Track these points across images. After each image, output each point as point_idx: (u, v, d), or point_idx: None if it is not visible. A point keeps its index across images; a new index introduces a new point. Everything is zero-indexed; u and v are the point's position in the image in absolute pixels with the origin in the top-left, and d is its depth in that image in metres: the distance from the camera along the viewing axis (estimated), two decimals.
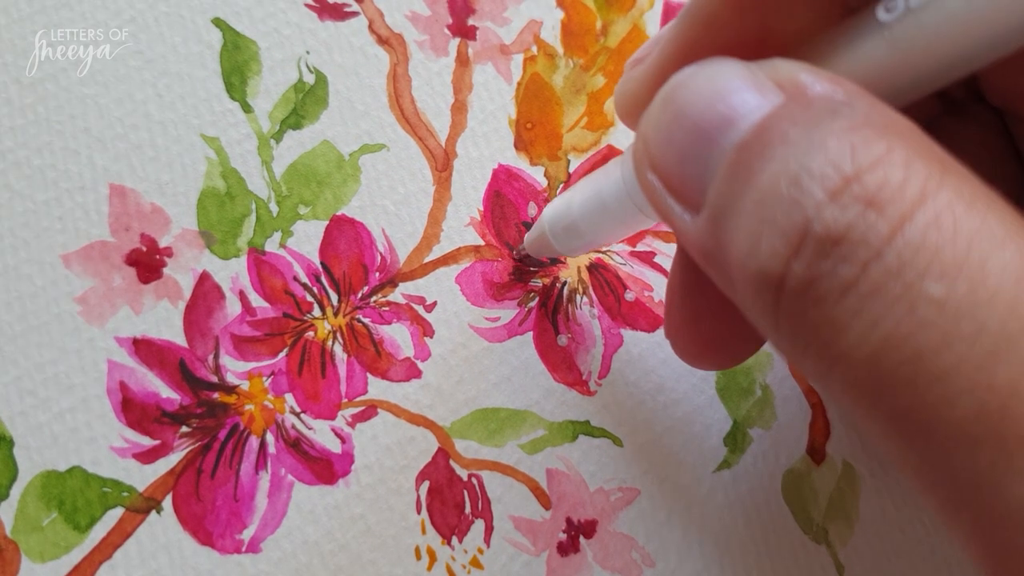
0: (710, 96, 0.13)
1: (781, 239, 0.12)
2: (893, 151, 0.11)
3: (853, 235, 0.11)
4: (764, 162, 0.12)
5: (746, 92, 0.13)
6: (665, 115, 0.14)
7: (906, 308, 0.11)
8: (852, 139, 0.11)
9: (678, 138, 0.13)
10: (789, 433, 0.23)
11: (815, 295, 0.11)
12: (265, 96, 0.24)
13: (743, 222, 0.12)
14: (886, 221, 0.11)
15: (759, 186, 0.12)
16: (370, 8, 0.25)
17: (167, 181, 0.23)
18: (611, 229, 0.19)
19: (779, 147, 0.12)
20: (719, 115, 0.13)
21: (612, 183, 0.18)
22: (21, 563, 0.20)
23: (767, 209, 0.12)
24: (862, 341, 0.11)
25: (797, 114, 0.12)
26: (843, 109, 0.12)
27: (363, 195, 0.24)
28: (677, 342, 0.20)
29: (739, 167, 0.12)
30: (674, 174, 0.14)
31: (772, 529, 0.22)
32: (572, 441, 0.23)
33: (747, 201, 0.12)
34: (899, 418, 0.11)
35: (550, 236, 0.21)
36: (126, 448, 0.21)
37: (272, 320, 0.23)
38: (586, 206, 0.19)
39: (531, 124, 0.25)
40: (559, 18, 0.26)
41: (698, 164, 0.13)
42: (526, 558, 0.22)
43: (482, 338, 0.23)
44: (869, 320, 0.11)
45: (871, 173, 0.11)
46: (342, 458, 0.22)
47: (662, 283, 0.24)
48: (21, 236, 0.22)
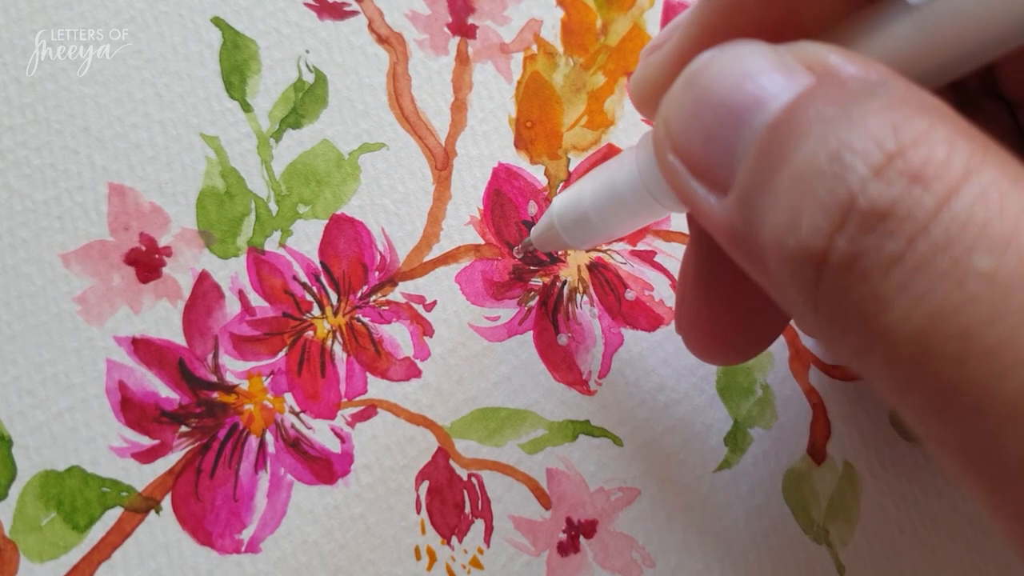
0: (737, 76, 0.13)
1: (823, 214, 0.11)
2: (935, 128, 0.11)
3: (899, 210, 0.11)
4: (800, 140, 0.12)
5: (774, 72, 0.13)
6: (688, 96, 0.14)
7: (954, 282, 0.10)
8: (893, 116, 0.11)
9: (703, 119, 0.13)
10: (790, 433, 0.23)
11: (860, 270, 0.11)
12: (264, 95, 0.24)
13: (779, 200, 0.12)
14: (932, 196, 0.11)
15: (796, 163, 0.12)
16: (370, 7, 0.25)
17: (166, 180, 0.23)
18: (624, 220, 0.19)
19: (816, 125, 0.12)
20: (747, 95, 0.13)
21: (626, 172, 0.18)
22: (20, 563, 0.20)
23: (807, 185, 0.12)
24: (908, 316, 0.11)
25: (832, 94, 0.12)
26: (879, 89, 0.12)
27: (363, 194, 0.24)
28: (689, 336, 0.19)
29: (773, 145, 0.12)
30: (699, 155, 0.13)
31: (772, 529, 0.22)
32: (572, 441, 0.23)
33: (783, 179, 0.12)
34: (945, 395, 0.11)
35: (559, 228, 0.20)
36: (125, 448, 0.21)
37: (271, 319, 0.22)
38: (599, 196, 0.19)
39: (531, 123, 0.25)
40: (559, 17, 0.26)
41: (726, 144, 0.13)
42: (526, 558, 0.22)
43: (482, 337, 0.23)
44: (916, 295, 0.11)
45: (915, 149, 0.11)
46: (342, 458, 0.22)
47: (663, 282, 0.24)
48: (20, 235, 0.22)
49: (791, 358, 0.24)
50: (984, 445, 0.11)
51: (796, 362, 0.24)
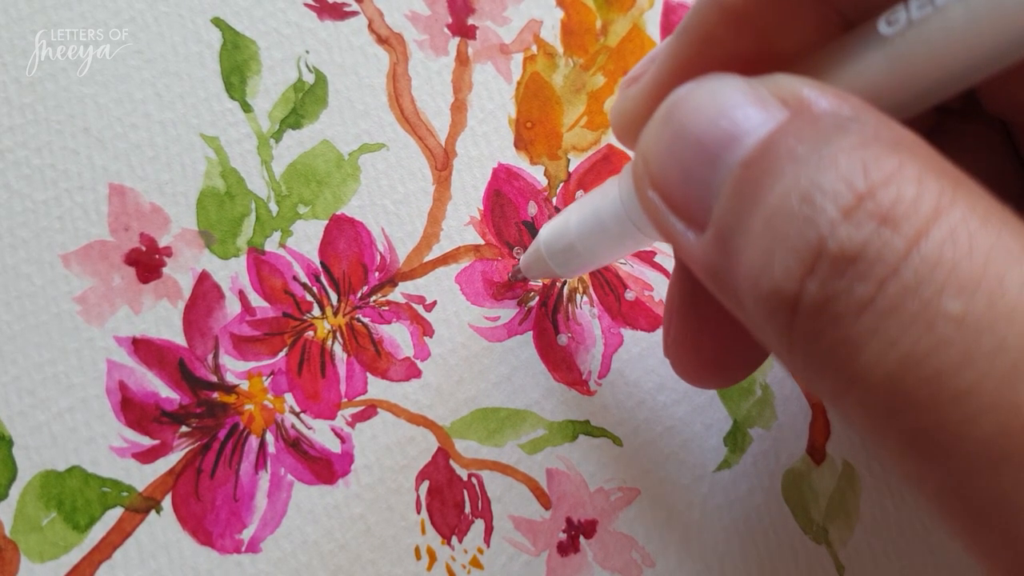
0: (712, 112, 0.13)
1: (795, 258, 0.11)
2: (905, 167, 0.11)
3: (869, 252, 0.11)
4: (773, 179, 0.12)
5: (749, 107, 0.13)
6: (666, 132, 0.14)
7: (925, 326, 0.10)
8: (863, 155, 0.11)
9: (680, 155, 0.13)
10: (789, 433, 0.23)
11: (831, 314, 0.11)
12: (264, 95, 0.24)
13: (753, 241, 0.12)
14: (902, 237, 0.11)
15: (769, 204, 0.12)
16: (370, 7, 0.25)
17: (166, 181, 0.23)
18: (609, 249, 0.19)
19: (788, 164, 0.12)
20: (722, 131, 0.13)
21: (610, 203, 0.18)
22: (20, 563, 0.20)
23: (778, 227, 0.12)
24: (880, 361, 0.11)
25: (804, 130, 0.12)
26: (851, 125, 0.12)
27: (363, 194, 0.24)
28: (677, 361, 0.20)
29: (746, 184, 0.12)
30: (676, 192, 0.13)
31: (772, 529, 0.22)
32: (572, 441, 0.23)
33: (756, 219, 0.12)
34: (919, 439, 0.11)
35: (547, 258, 0.20)
36: (125, 448, 0.21)
37: (272, 320, 0.23)
38: (583, 226, 0.19)
39: (531, 123, 0.25)
40: (559, 17, 0.26)
41: (702, 181, 0.13)
42: (526, 558, 0.22)
43: (482, 337, 0.23)
44: (887, 339, 0.11)
45: (884, 189, 0.11)
46: (342, 458, 0.22)
47: (662, 282, 0.24)
48: (20, 236, 0.22)
49: None
50: (958, 488, 0.11)
51: None
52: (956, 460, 0.10)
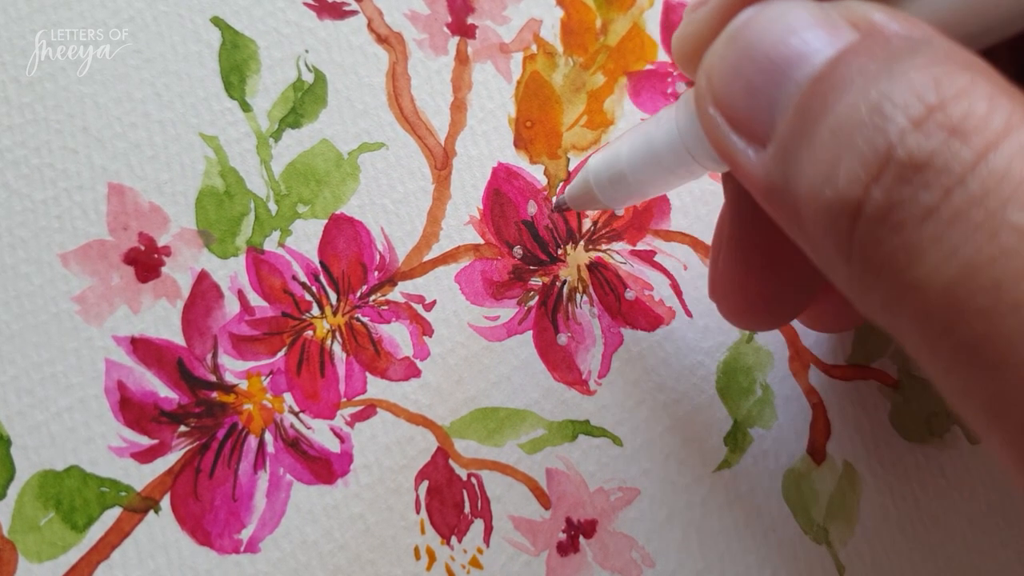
0: (781, 31, 0.13)
1: (861, 164, 0.11)
2: (977, 84, 0.11)
3: (937, 162, 0.11)
4: (841, 93, 0.12)
5: (818, 28, 0.13)
6: (731, 50, 0.14)
7: (987, 235, 0.10)
8: (935, 72, 0.11)
9: (746, 72, 0.13)
10: (789, 433, 0.23)
11: (895, 221, 0.11)
12: (264, 95, 0.24)
13: (818, 151, 0.12)
14: (971, 149, 0.11)
15: (837, 114, 0.12)
16: (369, 7, 0.25)
17: (166, 180, 0.23)
18: (661, 179, 0.18)
19: (858, 79, 0.12)
20: (791, 49, 0.13)
21: (665, 130, 0.17)
22: (18, 563, 0.20)
23: (846, 136, 0.12)
24: (940, 268, 0.11)
25: (876, 49, 0.12)
26: (922, 46, 0.12)
27: (362, 194, 0.24)
28: (724, 300, 0.19)
29: (814, 98, 0.12)
30: (740, 108, 0.13)
31: (772, 529, 0.22)
32: (572, 441, 0.23)
33: (823, 130, 0.12)
34: (973, 349, 0.11)
35: (595, 187, 0.20)
36: (124, 447, 0.21)
37: (271, 319, 0.22)
38: (635, 154, 0.18)
39: (531, 122, 0.25)
40: (559, 16, 0.26)
41: (767, 97, 0.13)
42: (525, 558, 0.22)
43: (481, 337, 0.23)
44: (949, 247, 0.11)
45: (955, 103, 0.11)
46: (341, 458, 0.22)
47: (662, 282, 0.24)
48: (19, 235, 0.22)
49: (791, 358, 0.24)
50: (1010, 400, 0.11)
51: (796, 362, 0.24)
52: (1011, 371, 0.10)
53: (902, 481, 0.23)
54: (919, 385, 0.24)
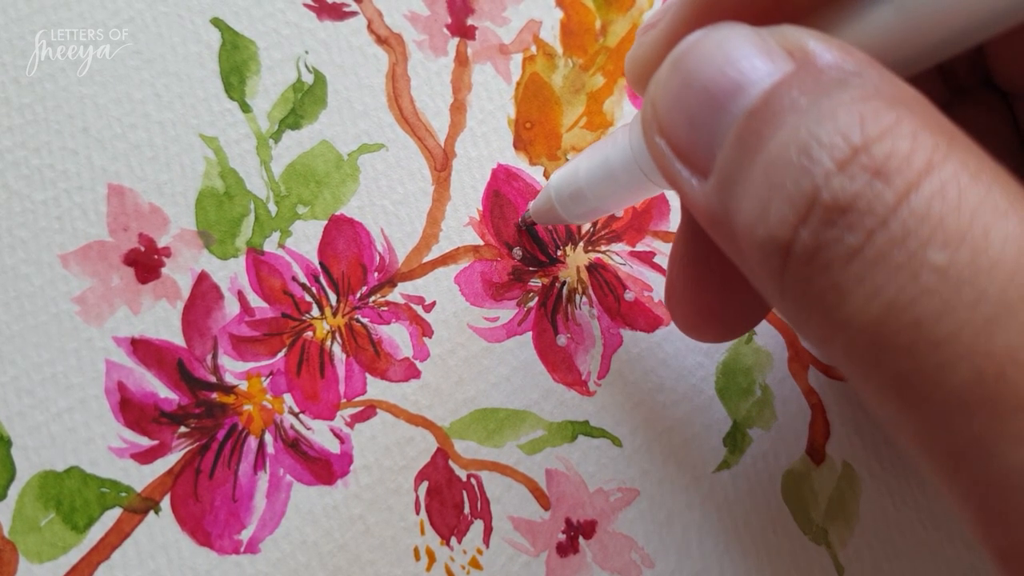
0: (720, 61, 0.13)
1: (789, 206, 0.12)
2: (901, 122, 0.11)
3: (860, 204, 0.11)
4: (774, 129, 0.12)
5: (756, 58, 0.13)
6: (674, 79, 0.14)
7: (909, 275, 0.11)
8: (861, 109, 0.12)
9: (687, 102, 0.14)
10: (789, 433, 0.23)
11: (821, 262, 0.12)
12: (264, 96, 0.24)
13: (752, 188, 0.12)
14: (892, 191, 0.11)
15: (768, 153, 0.12)
16: (369, 8, 0.25)
17: (165, 181, 0.23)
18: (618, 196, 0.19)
19: (789, 115, 0.12)
20: (729, 80, 0.13)
21: (620, 149, 0.18)
22: (19, 564, 0.20)
23: (776, 176, 0.12)
24: (865, 307, 0.11)
25: (807, 82, 0.12)
26: (853, 79, 0.12)
27: (362, 195, 0.24)
28: (678, 313, 0.20)
29: (749, 134, 0.13)
30: (683, 138, 0.14)
31: (772, 530, 0.22)
32: (571, 441, 0.23)
33: (756, 168, 0.12)
34: (898, 384, 0.11)
35: (556, 203, 0.21)
36: (124, 448, 0.21)
37: (271, 320, 0.22)
38: (593, 173, 0.19)
39: (530, 124, 0.25)
40: (558, 18, 0.26)
41: (707, 129, 0.13)
42: (525, 559, 0.22)
43: (481, 338, 0.23)
44: (872, 287, 0.11)
45: (879, 143, 0.11)
46: (341, 458, 0.22)
47: (662, 283, 0.24)
48: (19, 236, 0.22)
49: (790, 359, 0.24)
50: (934, 432, 0.11)
51: (795, 363, 0.24)
52: (932, 405, 0.11)
53: (901, 481, 0.23)
54: None
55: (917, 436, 0.11)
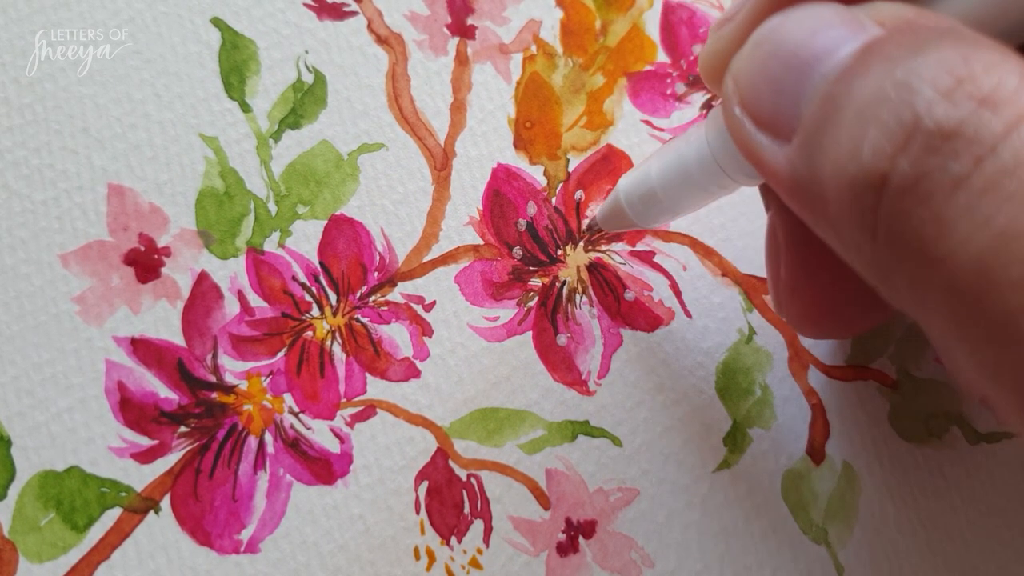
0: (808, 31, 0.13)
1: (887, 137, 0.11)
2: (1007, 60, 0.11)
3: (966, 131, 0.11)
4: (867, 77, 0.12)
5: (845, 26, 0.13)
6: (758, 52, 0.13)
7: (1021, 205, 0.10)
8: (963, 50, 0.11)
9: (772, 70, 0.13)
10: (789, 433, 0.23)
11: (923, 192, 0.11)
12: (264, 95, 0.24)
13: (843, 132, 0.12)
14: (1001, 119, 0.11)
15: (862, 96, 0.12)
16: (369, 7, 0.25)
17: (165, 181, 0.23)
18: (693, 196, 0.18)
19: (884, 63, 0.12)
20: (818, 45, 0.13)
21: (695, 146, 0.17)
22: (19, 564, 0.20)
23: (871, 112, 0.11)
24: (972, 239, 0.10)
25: (902, 38, 0.12)
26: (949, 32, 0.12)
27: (362, 195, 0.24)
28: (794, 313, 0.19)
29: (840, 86, 0.12)
30: (766, 105, 0.13)
31: (771, 529, 0.22)
32: (571, 441, 0.23)
33: (848, 112, 0.12)
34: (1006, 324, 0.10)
35: (626, 206, 0.20)
36: (124, 448, 0.21)
37: (271, 320, 0.22)
38: (666, 172, 0.18)
39: (530, 123, 0.25)
40: (558, 17, 0.26)
41: (793, 93, 0.13)
42: (525, 558, 0.22)
43: (481, 338, 0.23)
44: (981, 217, 0.10)
45: (985, 76, 0.11)
46: (341, 458, 0.22)
47: (662, 283, 0.24)
48: (19, 236, 0.22)
49: (790, 358, 0.24)
50: None
51: (795, 362, 0.24)
52: None
53: (901, 482, 0.23)
54: (918, 386, 0.24)
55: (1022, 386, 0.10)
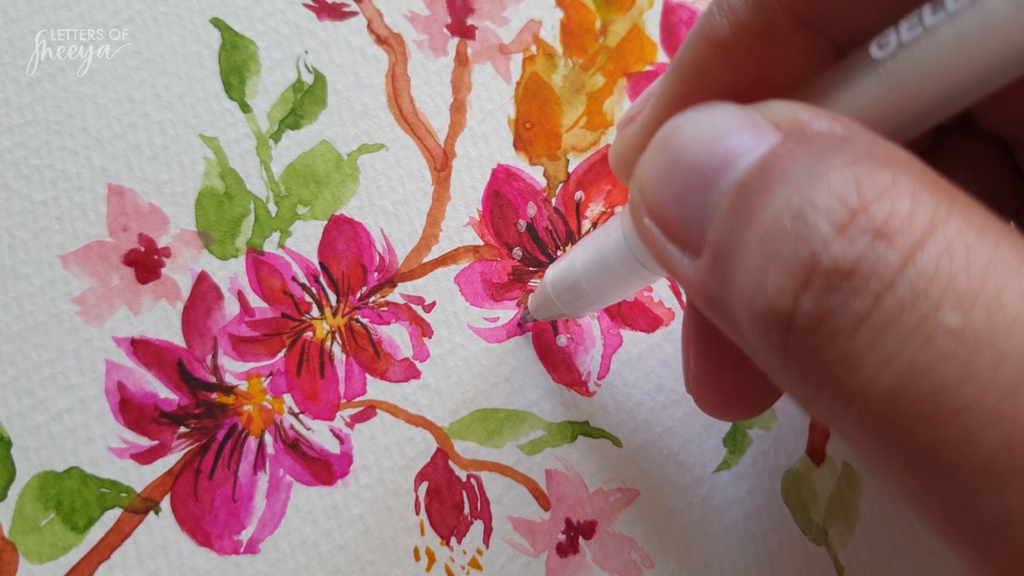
0: (706, 138, 0.13)
1: (788, 275, 0.11)
2: (899, 181, 0.11)
3: (863, 267, 0.11)
4: (766, 199, 0.12)
5: (743, 133, 0.13)
6: (661, 159, 0.14)
7: (923, 340, 0.10)
8: (855, 171, 0.11)
9: (675, 181, 0.13)
10: (789, 434, 0.23)
11: (826, 331, 0.11)
12: (263, 96, 0.24)
13: (746, 261, 0.12)
14: (896, 252, 0.11)
15: (762, 223, 0.12)
16: (369, 8, 0.25)
17: (165, 181, 0.23)
18: (615, 287, 0.19)
19: (780, 184, 0.12)
20: (716, 156, 0.13)
21: (613, 240, 0.18)
22: (19, 564, 0.20)
23: (771, 246, 0.11)
24: (878, 376, 0.11)
25: (797, 151, 0.12)
26: (844, 144, 0.12)
27: (362, 195, 0.24)
28: (700, 397, 0.19)
29: (740, 206, 0.12)
30: (672, 218, 0.13)
31: (772, 530, 0.22)
32: (571, 442, 0.23)
33: (750, 239, 0.12)
34: (920, 457, 0.10)
35: (554, 298, 0.20)
36: (124, 448, 0.21)
37: (270, 320, 0.22)
38: (589, 265, 0.19)
39: (530, 124, 0.25)
40: (558, 18, 0.26)
41: (697, 206, 0.13)
42: (525, 559, 0.22)
43: (481, 338, 0.23)
44: (885, 354, 0.10)
45: (878, 204, 0.11)
46: (341, 459, 0.22)
47: (662, 283, 0.24)
48: (19, 236, 0.22)
49: None
50: (963, 505, 0.10)
51: None
52: (960, 477, 0.10)
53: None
54: None
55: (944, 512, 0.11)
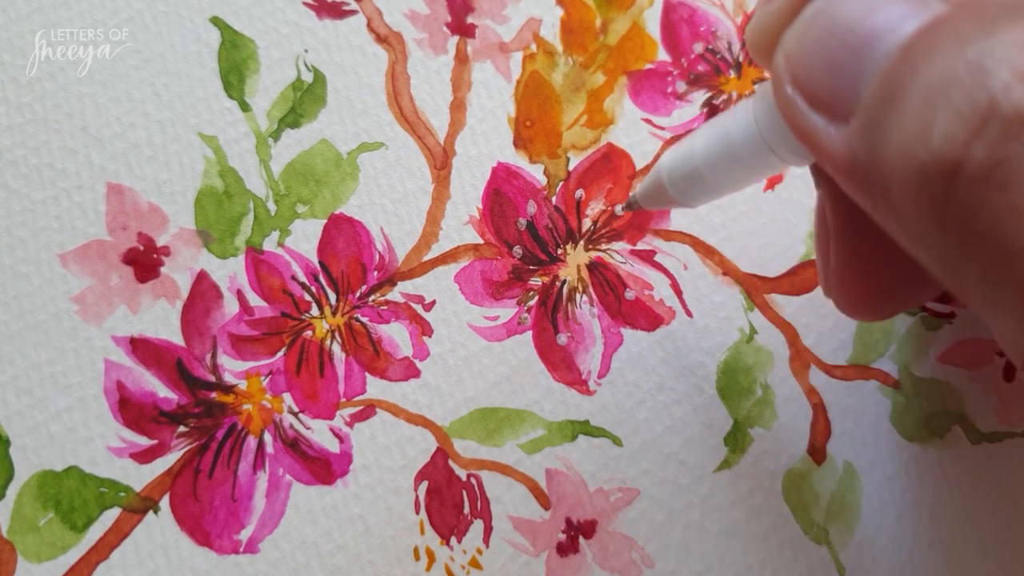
0: (866, 6, 0.12)
1: (959, 121, 0.10)
2: None
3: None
4: (934, 56, 0.11)
5: (906, 2, 0.12)
6: (812, 28, 0.13)
7: None
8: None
9: (828, 48, 0.13)
10: (790, 433, 0.23)
11: (999, 180, 0.10)
12: (263, 95, 0.24)
13: (908, 115, 0.11)
14: None
15: (927, 78, 0.11)
16: (368, 6, 0.25)
17: (165, 180, 0.23)
18: (738, 175, 0.18)
19: (953, 40, 0.11)
20: (878, 22, 0.12)
21: (742, 123, 0.17)
22: (17, 564, 0.20)
23: (941, 94, 0.11)
24: None
25: (970, 15, 0.11)
26: (1020, 7, 0.11)
27: (361, 194, 0.24)
28: (841, 296, 0.18)
29: (903, 65, 0.11)
30: (821, 85, 0.13)
31: (772, 530, 0.22)
32: (571, 441, 0.23)
33: (913, 94, 0.11)
34: None
35: (668, 184, 0.19)
36: (123, 448, 0.21)
37: (270, 319, 0.22)
38: (711, 150, 0.17)
39: (530, 122, 0.25)
40: (558, 16, 0.26)
41: (851, 71, 0.12)
42: (525, 559, 0.22)
43: (481, 337, 0.23)
44: None
45: None
46: (340, 458, 0.22)
47: (662, 282, 0.24)
48: (18, 235, 0.22)
49: (791, 358, 0.24)
50: None
51: (796, 362, 0.24)
52: None
53: (903, 481, 0.23)
54: (920, 385, 0.24)
55: None
